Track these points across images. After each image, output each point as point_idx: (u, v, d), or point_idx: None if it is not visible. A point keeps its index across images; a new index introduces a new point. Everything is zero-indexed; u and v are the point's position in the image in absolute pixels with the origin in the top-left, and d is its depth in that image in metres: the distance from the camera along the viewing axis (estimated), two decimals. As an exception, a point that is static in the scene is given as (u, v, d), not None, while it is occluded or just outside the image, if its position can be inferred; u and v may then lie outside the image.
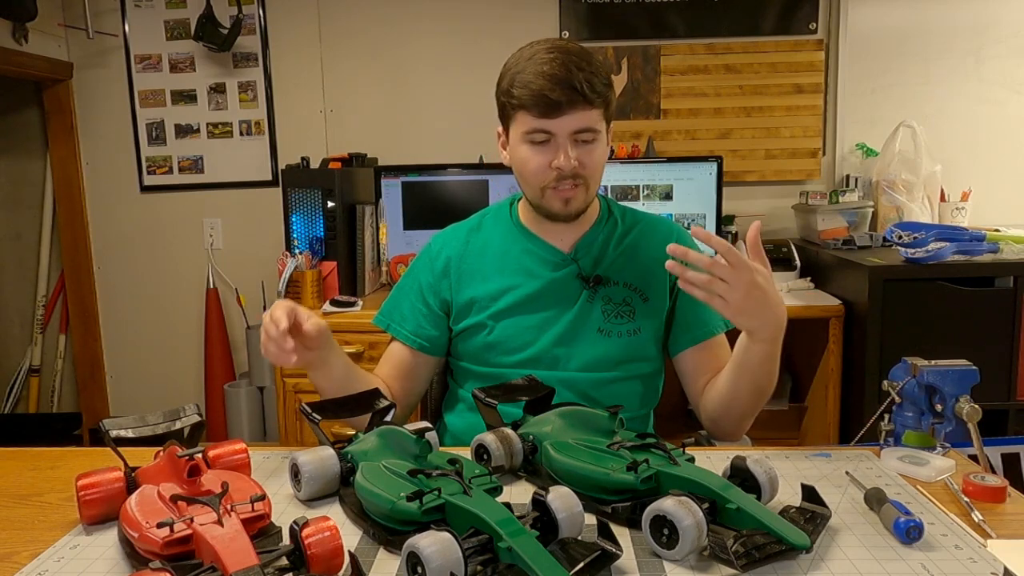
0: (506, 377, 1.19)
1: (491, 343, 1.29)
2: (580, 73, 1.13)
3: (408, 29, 2.89)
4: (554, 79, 1.12)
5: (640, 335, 1.27)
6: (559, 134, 1.16)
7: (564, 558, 0.75)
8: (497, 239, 1.33)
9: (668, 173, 2.60)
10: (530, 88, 1.14)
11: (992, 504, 0.90)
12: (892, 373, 1.07)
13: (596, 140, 1.19)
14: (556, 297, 1.28)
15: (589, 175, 1.20)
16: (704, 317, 1.29)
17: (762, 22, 2.78)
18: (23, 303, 3.39)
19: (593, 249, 1.29)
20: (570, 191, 1.20)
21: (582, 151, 1.17)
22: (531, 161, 1.19)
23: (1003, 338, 2.07)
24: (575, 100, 1.13)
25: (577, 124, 1.15)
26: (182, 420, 0.98)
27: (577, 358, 1.26)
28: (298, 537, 0.72)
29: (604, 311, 1.27)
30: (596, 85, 1.15)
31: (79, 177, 3.05)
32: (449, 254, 1.34)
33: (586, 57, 1.16)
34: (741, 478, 0.87)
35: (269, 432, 2.90)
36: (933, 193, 2.64)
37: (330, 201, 2.44)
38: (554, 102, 1.13)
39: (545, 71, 1.13)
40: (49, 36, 2.88)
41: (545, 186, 1.20)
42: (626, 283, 1.28)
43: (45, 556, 0.82)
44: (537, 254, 1.30)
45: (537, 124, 1.16)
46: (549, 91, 1.12)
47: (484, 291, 1.30)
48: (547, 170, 1.18)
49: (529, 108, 1.15)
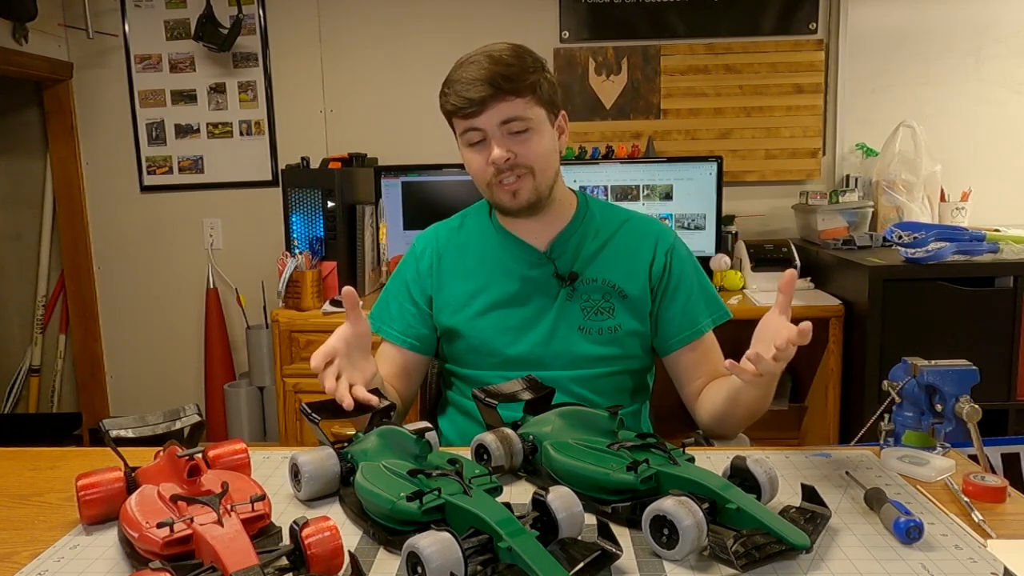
0: (489, 381, 1.18)
1: (473, 344, 1.30)
2: (496, 68, 1.15)
3: (408, 29, 2.89)
4: (470, 79, 1.16)
5: (621, 332, 1.28)
6: (488, 129, 1.18)
7: (564, 558, 0.75)
8: (476, 238, 1.35)
9: (668, 173, 2.60)
10: (454, 92, 1.18)
11: (992, 504, 0.90)
12: (892, 373, 1.07)
13: (530, 129, 1.19)
14: (534, 296, 1.28)
15: (531, 164, 1.20)
16: (692, 317, 1.29)
17: (762, 22, 2.78)
18: (23, 303, 3.39)
19: (569, 247, 1.30)
20: (514, 183, 1.21)
21: (515, 142, 1.19)
22: (473, 162, 1.23)
23: (1003, 338, 2.07)
24: (494, 94, 1.15)
25: (502, 115, 1.17)
26: (182, 420, 0.98)
27: (559, 357, 1.27)
28: (298, 537, 0.72)
29: (583, 309, 1.27)
30: (514, 76, 1.16)
31: (79, 177, 3.05)
32: (432, 253, 1.35)
33: (509, 52, 1.18)
34: (741, 478, 0.87)
35: (269, 432, 2.90)
36: (933, 193, 2.64)
37: (330, 201, 2.44)
38: (474, 100, 1.16)
39: (463, 75, 1.17)
40: (49, 36, 2.88)
41: (489, 183, 1.22)
42: (604, 280, 1.28)
43: (45, 556, 0.82)
44: (513, 252, 1.30)
45: (466, 124, 1.19)
46: (466, 91, 1.16)
47: (463, 290, 1.31)
48: (486, 167, 1.20)
49: (456, 112, 1.19)
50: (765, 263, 2.54)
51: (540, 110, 1.20)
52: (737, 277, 2.54)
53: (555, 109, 1.24)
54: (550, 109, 1.22)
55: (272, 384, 2.79)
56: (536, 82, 1.19)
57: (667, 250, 1.31)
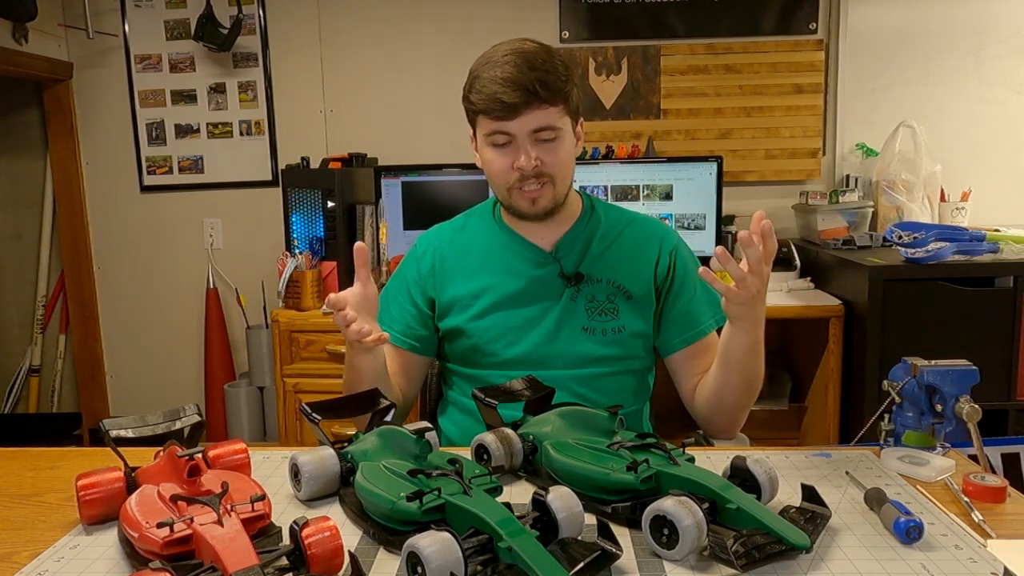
0: (491, 380, 1.19)
1: (476, 344, 1.29)
2: (533, 73, 1.14)
3: (408, 29, 2.89)
4: (507, 82, 1.14)
5: (625, 332, 1.28)
6: (518, 135, 1.18)
7: (564, 558, 0.75)
8: (480, 238, 1.34)
9: (668, 173, 2.60)
10: (485, 93, 1.16)
11: (992, 504, 0.90)
12: (892, 373, 1.07)
13: (558, 138, 1.20)
14: (539, 296, 1.28)
15: (554, 173, 1.21)
16: (695, 317, 1.30)
17: (762, 22, 2.78)
18: (23, 303, 3.39)
19: (575, 247, 1.30)
20: (536, 191, 1.21)
21: (543, 150, 1.19)
22: (495, 163, 1.21)
23: (1003, 338, 2.07)
24: (529, 101, 1.14)
25: (534, 124, 1.17)
26: (182, 420, 0.97)
27: (563, 356, 1.27)
28: (298, 537, 0.72)
29: (588, 309, 1.28)
30: (551, 84, 1.15)
31: (79, 177, 3.05)
32: (434, 254, 1.35)
33: (543, 56, 1.17)
34: (741, 478, 0.87)
35: (269, 432, 2.90)
36: (933, 193, 2.64)
37: (330, 201, 2.44)
38: (508, 105, 1.15)
39: (498, 75, 1.15)
40: (49, 36, 2.88)
41: (511, 187, 1.22)
42: (609, 281, 1.29)
43: (45, 556, 0.82)
44: (519, 252, 1.31)
45: (495, 127, 1.18)
46: (502, 94, 1.14)
47: (466, 289, 1.31)
48: (510, 171, 1.20)
49: (487, 112, 1.18)
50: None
51: (568, 119, 1.21)
52: (737, 277, 2.53)
53: (578, 117, 1.25)
54: (575, 118, 1.24)
55: (272, 384, 2.79)
56: (569, 92, 1.19)
57: (671, 251, 1.32)
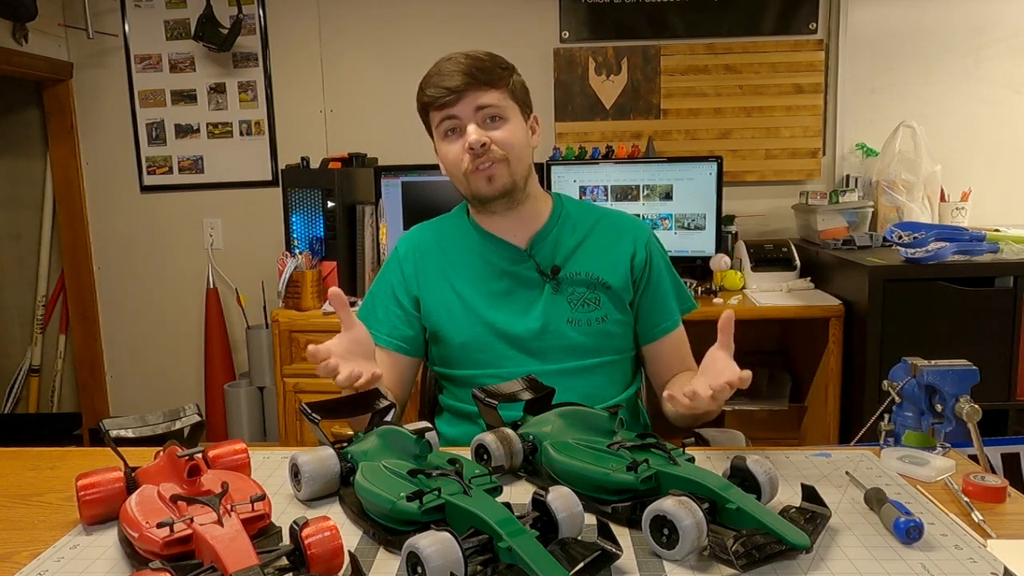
0: (480, 382, 1.18)
1: (462, 343, 1.31)
2: (472, 61, 1.22)
3: (408, 29, 2.88)
4: (448, 72, 1.22)
5: (608, 321, 1.30)
6: (463, 116, 1.23)
7: (564, 558, 0.75)
8: (457, 239, 1.36)
9: (668, 173, 2.60)
10: (431, 84, 1.24)
11: (992, 504, 0.90)
12: (892, 373, 1.07)
13: (505, 119, 1.24)
14: (520, 293, 1.30)
15: (506, 151, 1.24)
16: (668, 310, 1.36)
17: (762, 22, 2.78)
18: (23, 303, 3.39)
19: (547, 243, 1.32)
20: (490, 168, 1.24)
21: (491, 129, 1.23)
22: (449, 153, 1.26)
23: (1003, 338, 2.07)
24: (470, 83, 1.21)
25: (477, 101, 1.22)
26: (182, 420, 0.97)
27: (551, 351, 1.28)
28: (298, 537, 0.72)
29: (570, 302, 1.30)
30: (489, 69, 1.22)
31: (79, 177, 3.05)
32: (415, 254, 1.37)
33: (484, 53, 1.25)
34: (741, 478, 0.87)
35: (269, 432, 2.90)
36: (933, 193, 2.64)
37: (330, 201, 2.44)
38: (451, 89, 1.21)
39: (441, 69, 1.24)
40: (49, 36, 2.88)
41: (466, 171, 1.25)
42: (588, 273, 1.31)
43: (45, 556, 0.82)
44: (495, 251, 1.32)
45: (443, 114, 1.24)
46: (443, 81, 1.22)
47: (447, 289, 1.32)
48: (462, 155, 1.24)
49: (433, 103, 1.24)
50: (765, 263, 2.55)
51: (514, 104, 1.26)
52: (737, 277, 2.54)
53: (527, 108, 1.29)
54: (523, 107, 1.28)
55: (272, 384, 2.79)
56: (509, 79, 1.25)
57: (646, 243, 1.36)
